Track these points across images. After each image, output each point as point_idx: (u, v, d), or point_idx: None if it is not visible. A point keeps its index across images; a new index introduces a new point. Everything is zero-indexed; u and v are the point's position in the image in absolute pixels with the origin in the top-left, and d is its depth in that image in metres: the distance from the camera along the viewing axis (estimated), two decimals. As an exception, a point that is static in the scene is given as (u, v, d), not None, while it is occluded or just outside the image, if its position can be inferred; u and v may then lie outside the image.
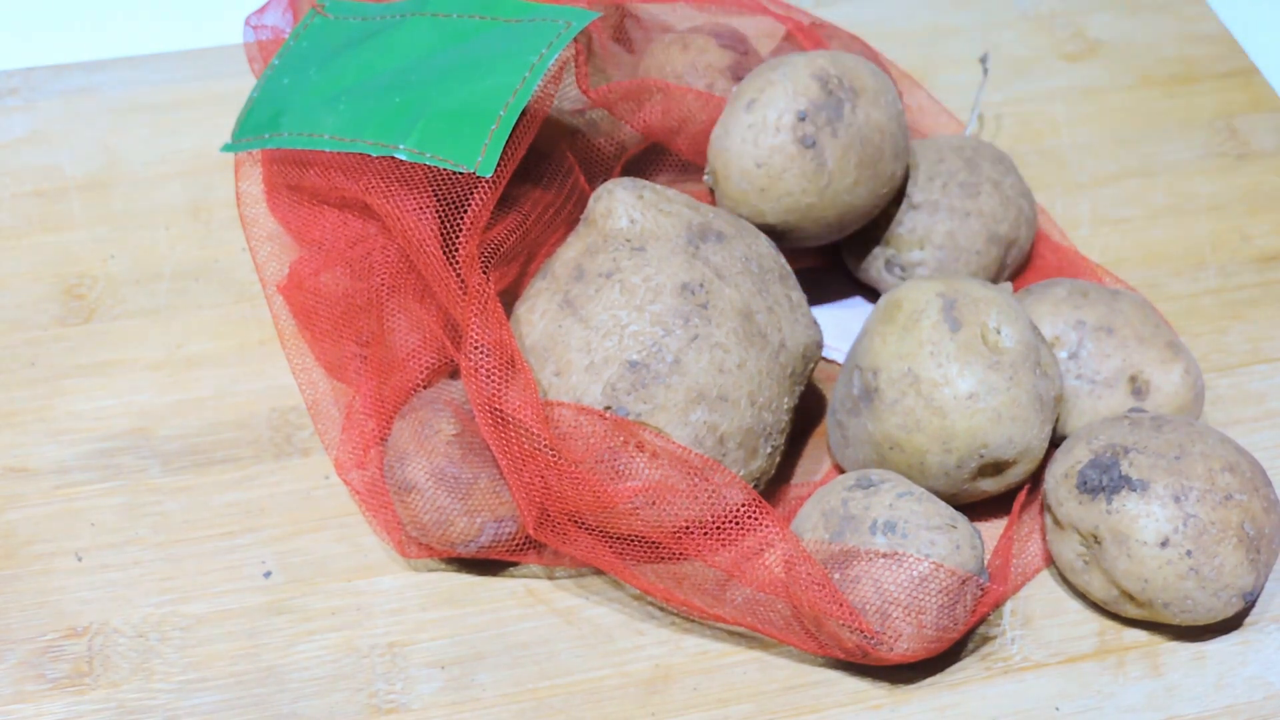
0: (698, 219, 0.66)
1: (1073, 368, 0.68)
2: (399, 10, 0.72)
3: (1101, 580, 0.63)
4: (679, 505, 0.62)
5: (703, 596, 0.63)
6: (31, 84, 0.90)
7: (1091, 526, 0.62)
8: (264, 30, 0.75)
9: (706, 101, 0.71)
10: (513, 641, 0.64)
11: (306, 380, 0.69)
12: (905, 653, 0.60)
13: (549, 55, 0.66)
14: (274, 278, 0.70)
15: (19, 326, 0.76)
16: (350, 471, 0.66)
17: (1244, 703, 0.62)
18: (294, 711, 0.61)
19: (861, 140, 0.69)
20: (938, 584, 0.59)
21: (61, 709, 0.61)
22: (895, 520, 0.60)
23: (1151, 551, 0.61)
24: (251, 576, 0.66)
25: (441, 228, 0.65)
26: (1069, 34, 0.95)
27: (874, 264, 0.75)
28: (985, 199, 0.74)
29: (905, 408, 0.64)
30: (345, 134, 0.67)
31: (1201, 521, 0.61)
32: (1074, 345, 0.68)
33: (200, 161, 0.85)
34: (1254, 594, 0.62)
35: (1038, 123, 0.89)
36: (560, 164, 0.72)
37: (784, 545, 0.61)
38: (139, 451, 0.71)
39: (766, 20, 0.80)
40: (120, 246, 0.80)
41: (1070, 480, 0.63)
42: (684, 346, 0.63)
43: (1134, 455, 0.62)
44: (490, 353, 0.62)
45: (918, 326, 0.64)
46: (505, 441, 0.62)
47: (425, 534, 0.64)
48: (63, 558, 0.67)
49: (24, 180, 0.84)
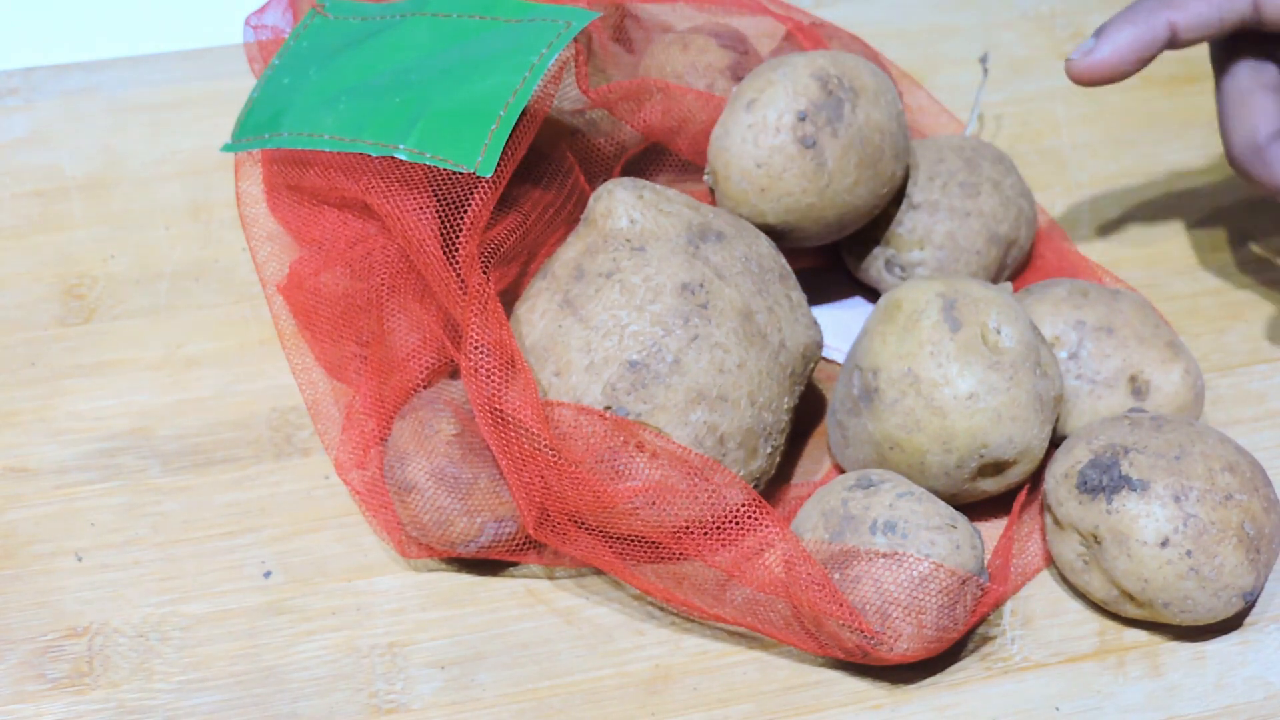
0: (698, 219, 0.66)
1: (1073, 368, 0.68)
2: (399, 10, 0.72)
3: (1101, 580, 0.63)
4: (679, 505, 0.62)
5: (703, 596, 0.63)
6: (31, 84, 0.90)
7: (1091, 526, 0.62)
8: (264, 30, 0.75)
9: (706, 101, 0.71)
10: (513, 641, 0.64)
11: (306, 380, 0.69)
12: (905, 652, 0.60)
13: (549, 55, 0.66)
14: (274, 278, 0.70)
15: (19, 326, 0.76)
16: (350, 471, 0.66)
17: (1244, 703, 0.62)
18: (294, 711, 0.61)
19: (861, 140, 0.69)
20: (938, 584, 0.59)
21: (61, 709, 0.61)
22: (895, 520, 0.60)
23: (1151, 551, 0.61)
24: (251, 576, 0.66)
25: (441, 228, 0.65)
26: (1069, 34, 0.95)
27: (874, 264, 0.75)
28: (985, 199, 0.74)
29: (905, 408, 0.64)
30: (345, 134, 0.67)
31: (1201, 521, 0.61)
32: (1074, 345, 0.68)
33: (200, 161, 0.85)
34: (1254, 594, 0.62)
35: (1038, 123, 0.89)
36: (560, 164, 0.72)
37: (784, 545, 0.61)
38: (139, 451, 0.71)
39: (766, 20, 0.80)
40: (120, 246, 0.80)
41: (1070, 480, 0.63)
42: (684, 346, 0.63)
43: (1134, 455, 0.62)
44: (490, 353, 0.62)
45: (918, 326, 0.64)
46: (505, 441, 0.62)
47: (425, 534, 0.64)
48: (63, 558, 0.67)
49: (24, 180, 0.84)
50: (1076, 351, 0.68)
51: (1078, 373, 0.68)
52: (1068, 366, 0.68)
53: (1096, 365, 0.68)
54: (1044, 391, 0.64)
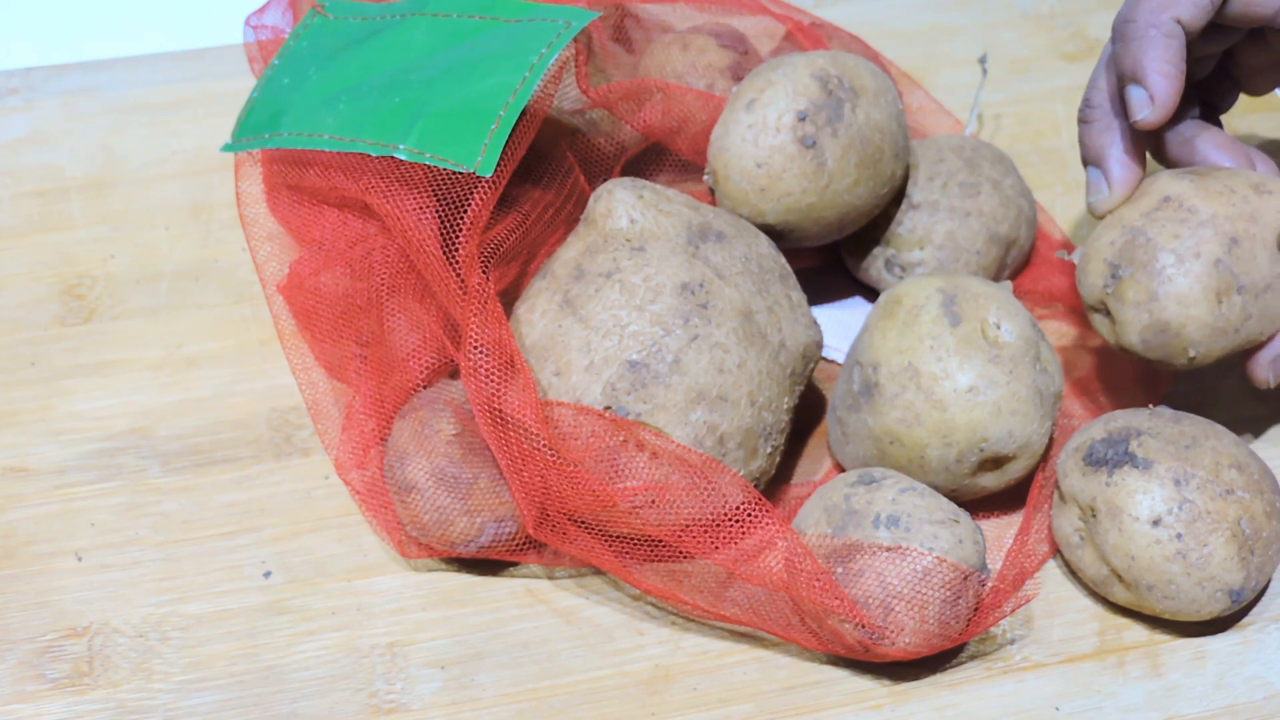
0: (698, 219, 0.66)
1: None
2: (399, 10, 0.72)
3: (1093, 556, 0.63)
4: (679, 505, 0.62)
5: (703, 595, 0.63)
6: (31, 84, 0.90)
7: (1090, 498, 0.62)
8: (264, 30, 0.75)
9: (706, 101, 0.72)
10: (513, 641, 0.64)
11: (306, 380, 0.69)
12: (908, 647, 0.60)
13: (549, 55, 0.66)
14: (274, 278, 0.70)
15: (19, 326, 0.76)
16: (350, 471, 0.66)
17: (1244, 703, 0.62)
18: (294, 711, 0.61)
19: (861, 140, 0.69)
20: (941, 578, 0.59)
21: (61, 709, 0.61)
22: (898, 514, 0.61)
23: (1142, 528, 0.61)
24: (251, 576, 0.66)
25: (441, 228, 0.65)
26: (1069, 34, 0.95)
27: (874, 264, 0.75)
28: (985, 199, 0.74)
29: (905, 402, 0.64)
30: (345, 134, 0.67)
31: (1197, 508, 0.61)
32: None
33: (200, 161, 0.85)
34: (1241, 594, 0.62)
35: (1038, 123, 0.89)
36: (560, 164, 0.72)
37: (785, 542, 0.61)
38: (139, 451, 0.71)
39: (766, 20, 0.80)
40: (120, 246, 0.80)
41: (1080, 453, 0.63)
42: (684, 346, 0.63)
43: (1145, 438, 0.62)
44: (490, 353, 0.62)
45: (918, 321, 0.64)
46: (505, 441, 0.62)
47: (425, 534, 0.64)
48: (63, 558, 0.67)
49: (24, 180, 0.84)
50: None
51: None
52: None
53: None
54: (1044, 387, 0.64)
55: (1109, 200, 0.67)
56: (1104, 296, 0.66)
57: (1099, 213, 0.68)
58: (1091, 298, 0.67)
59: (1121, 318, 0.65)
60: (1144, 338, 0.65)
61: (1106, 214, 0.67)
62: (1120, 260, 0.65)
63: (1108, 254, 0.66)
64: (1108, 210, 0.67)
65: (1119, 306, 0.65)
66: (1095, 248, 0.66)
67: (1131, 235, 0.65)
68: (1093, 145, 0.68)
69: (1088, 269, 0.66)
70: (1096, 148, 0.68)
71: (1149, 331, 0.64)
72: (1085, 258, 0.67)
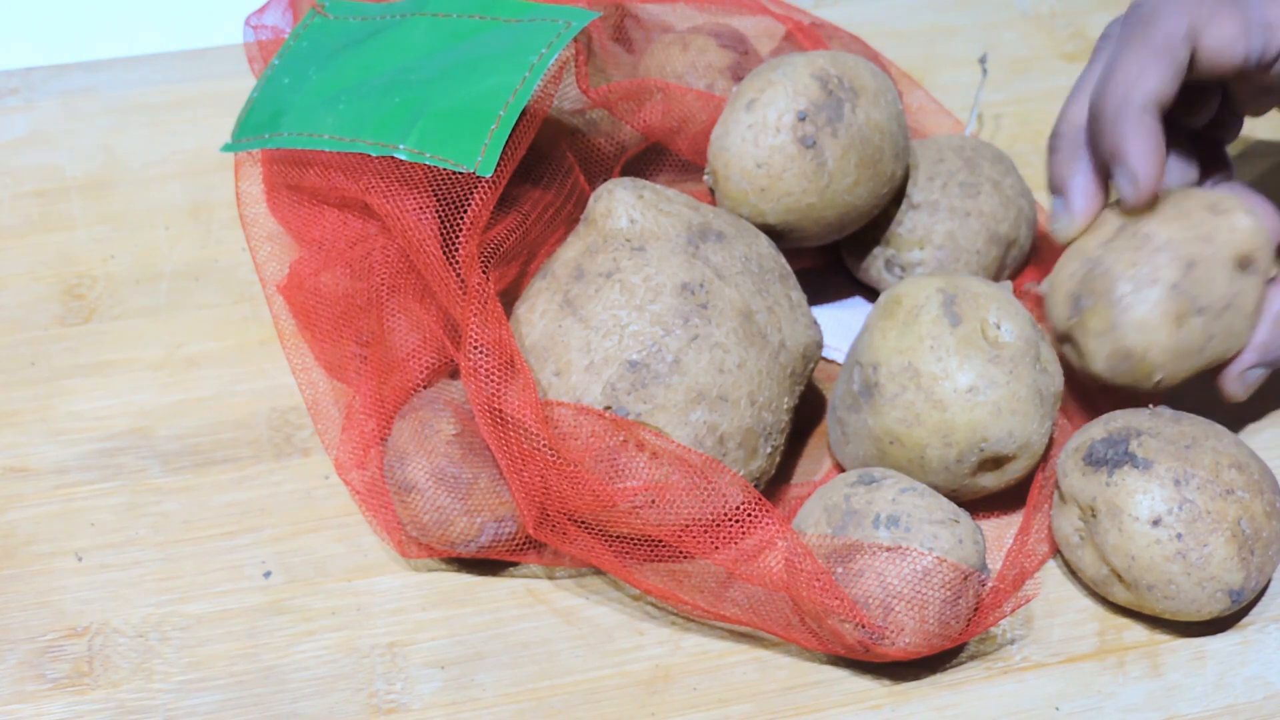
0: (698, 219, 0.66)
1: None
2: (399, 10, 0.72)
3: (1093, 556, 0.63)
4: (679, 505, 0.62)
5: (703, 595, 0.63)
6: (31, 84, 0.90)
7: (1090, 498, 0.62)
8: (264, 30, 0.75)
9: (706, 101, 0.72)
10: (513, 641, 0.64)
11: (306, 380, 0.69)
12: (908, 647, 0.60)
13: (549, 55, 0.66)
14: (274, 278, 0.70)
15: (19, 326, 0.76)
16: (350, 471, 0.66)
17: (1244, 703, 0.62)
18: (294, 711, 0.61)
19: (861, 140, 0.69)
20: (941, 578, 0.59)
21: (61, 709, 0.61)
22: (898, 514, 0.61)
23: (1142, 528, 0.61)
24: (251, 576, 0.66)
25: (441, 228, 0.65)
26: (1069, 34, 0.95)
27: (874, 264, 0.75)
28: (985, 199, 0.74)
29: (905, 401, 0.64)
30: (345, 134, 0.67)
31: (1197, 508, 0.61)
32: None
33: (200, 161, 0.85)
34: (1241, 594, 0.62)
35: (1038, 123, 0.89)
36: (560, 164, 0.72)
37: (785, 542, 0.61)
38: (139, 451, 0.71)
39: (766, 20, 0.80)
40: (120, 246, 0.80)
41: (1080, 453, 0.63)
42: (684, 346, 0.63)
43: (1145, 438, 0.63)
44: (490, 353, 0.62)
45: (918, 321, 0.64)
46: (505, 441, 0.62)
47: (425, 534, 0.64)
48: (63, 558, 0.67)
49: (24, 180, 0.84)
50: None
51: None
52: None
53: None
54: (1044, 387, 0.64)
55: (1069, 229, 0.69)
56: (1070, 327, 0.67)
57: (1061, 241, 0.69)
58: (1059, 329, 0.68)
59: (1087, 348, 0.66)
60: (1110, 364, 0.66)
61: (1069, 243, 0.69)
62: (1081, 291, 0.66)
63: (1069, 286, 0.67)
64: (1069, 239, 0.69)
65: (1084, 336, 0.66)
66: (1058, 280, 0.68)
67: (1090, 266, 0.66)
68: (1057, 174, 0.70)
69: (1053, 301, 0.68)
70: (1060, 177, 0.70)
71: (1114, 359, 0.65)
72: (1050, 290, 0.68)
